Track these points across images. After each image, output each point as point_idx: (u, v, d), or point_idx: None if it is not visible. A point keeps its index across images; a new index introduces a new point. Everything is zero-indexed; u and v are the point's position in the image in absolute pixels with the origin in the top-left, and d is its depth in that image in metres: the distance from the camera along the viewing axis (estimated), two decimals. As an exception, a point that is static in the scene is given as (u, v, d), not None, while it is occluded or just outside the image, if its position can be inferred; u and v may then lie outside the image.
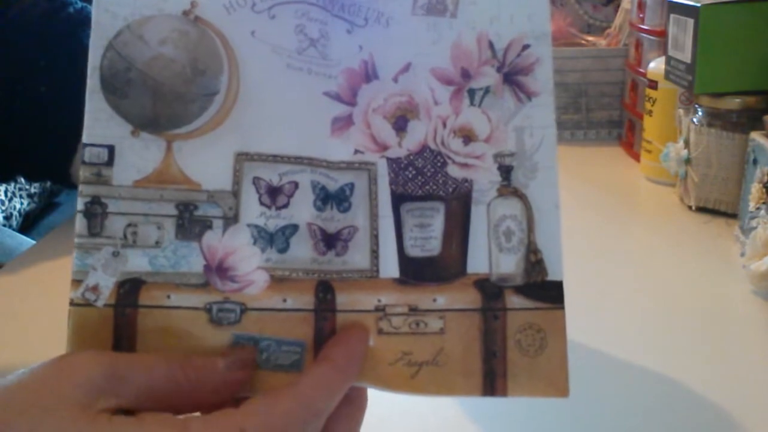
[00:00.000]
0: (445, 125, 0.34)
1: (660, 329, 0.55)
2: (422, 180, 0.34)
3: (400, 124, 0.34)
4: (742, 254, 0.61)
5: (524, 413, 0.45)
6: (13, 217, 1.19)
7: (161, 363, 0.31)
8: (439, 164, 0.34)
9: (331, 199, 0.34)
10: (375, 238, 0.34)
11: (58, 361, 0.30)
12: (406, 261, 0.34)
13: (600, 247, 0.68)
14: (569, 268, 0.34)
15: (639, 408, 0.46)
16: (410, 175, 0.34)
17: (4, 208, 1.17)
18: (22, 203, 1.22)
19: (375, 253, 0.34)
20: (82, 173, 0.33)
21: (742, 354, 0.52)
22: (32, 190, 1.25)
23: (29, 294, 0.62)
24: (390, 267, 0.34)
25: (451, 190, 0.34)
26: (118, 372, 0.29)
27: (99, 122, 0.33)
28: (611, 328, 0.54)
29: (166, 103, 0.33)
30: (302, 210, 0.34)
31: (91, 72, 0.33)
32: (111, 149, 0.33)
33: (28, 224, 1.23)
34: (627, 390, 0.48)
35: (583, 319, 0.56)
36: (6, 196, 1.18)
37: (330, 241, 0.34)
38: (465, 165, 0.34)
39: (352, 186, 0.34)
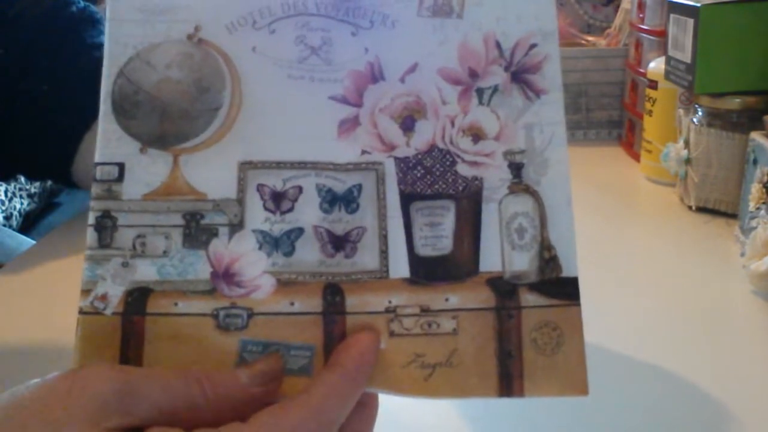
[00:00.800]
0: (453, 124, 0.34)
1: (660, 329, 0.55)
2: (431, 179, 0.34)
3: (408, 123, 0.34)
4: (742, 254, 0.61)
5: (525, 411, 0.45)
6: (13, 217, 1.19)
7: (178, 380, 0.30)
8: (448, 163, 0.34)
9: (339, 200, 0.34)
10: (384, 238, 0.34)
11: (69, 375, 0.29)
12: (416, 260, 0.34)
13: (600, 247, 0.68)
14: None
15: (639, 407, 0.46)
16: (419, 174, 0.34)
17: (4, 208, 1.17)
18: (22, 203, 1.22)
19: (384, 254, 0.34)
20: (94, 190, 0.34)
21: (742, 354, 0.52)
22: (32, 190, 1.25)
23: (29, 294, 0.62)
24: (400, 267, 0.34)
25: (461, 188, 0.34)
26: (131, 390, 0.29)
27: (110, 142, 0.34)
28: (611, 328, 0.54)
29: (173, 121, 0.34)
30: (307, 213, 0.34)
31: (104, 98, 0.35)
32: (121, 166, 0.34)
33: (28, 224, 1.24)
34: (627, 389, 0.48)
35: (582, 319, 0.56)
36: (6, 196, 1.19)
37: (338, 243, 0.34)
38: (475, 163, 0.34)
39: (359, 187, 0.34)
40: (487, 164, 0.34)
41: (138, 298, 0.33)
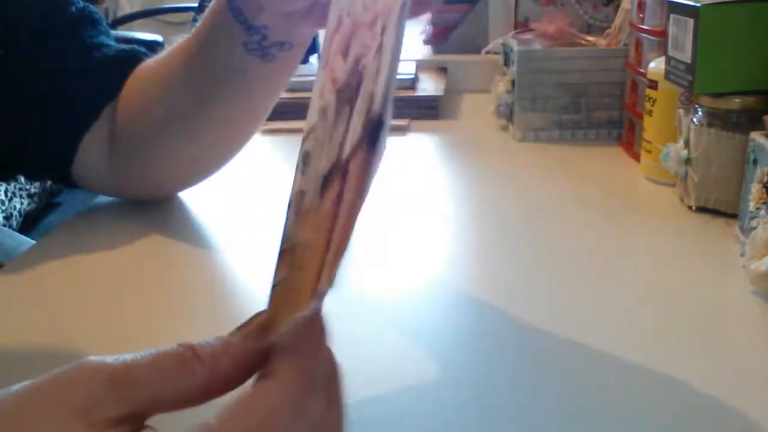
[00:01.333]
0: (366, 26, 0.33)
1: (659, 329, 0.55)
2: (347, 94, 0.33)
3: (346, 50, 0.33)
4: (742, 254, 0.61)
5: (525, 411, 0.45)
6: (13, 217, 1.19)
7: (171, 356, 0.29)
8: (357, 69, 0.33)
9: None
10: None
11: (56, 374, 0.28)
12: None
13: (600, 247, 0.68)
14: (568, 268, 0.33)
15: (638, 407, 0.46)
16: (344, 98, 0.33)
17: (4, 208, 1.17)
18: (22, 203, 1.22)
19: None
20: None
21: (741, 354, 0.52)
22: (32, 190, 1.25)
23: (29, 294, 0.62)
24: None
25: (356, 85, 0.32)
26: (121, 376, 0.28)
27: None
28: (610, 328, 0.54)
29: None
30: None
31: None
32: None
33: (28, 224, 1.24)
34: (626, 389, 0.48)
35: (582, 319, 0.56)
36: (6, 196, 1.19)
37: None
38: (368, 49, 0.32)
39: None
40: (372, 42, 0.32)
41: None
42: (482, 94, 1.06)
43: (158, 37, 2.14)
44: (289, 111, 0.94)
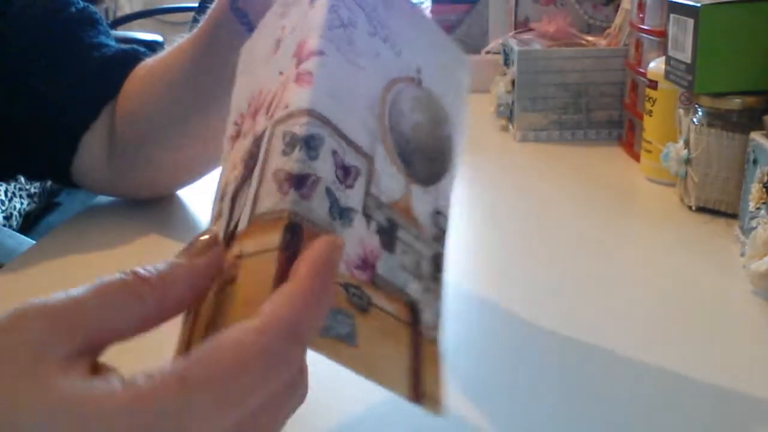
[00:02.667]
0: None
1: (659, 329, 0.55)
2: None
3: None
4: (742, 254, 0.61)
5: (526, 410, 0.45)
6: (13, 217, 1.19)
7: (117, 284, 0.28)
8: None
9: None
10: None
11: None
12: None
13: (600, 247, 0.68)
14: (567, 268, 0.33)
15: (638, 408, 0.46)
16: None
17: (4, 208, 1.17)
18: (22, 203, 1.22)
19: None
20: None
21: (741, 354, 0.52)
22: (32, 190, 1.25)
23: (29, 294, 0.62)
24: None
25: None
26: (66, 313, 0.27)
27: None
28: (611, 328, 0.54)
29: None
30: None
31: None
32: None
33: (28, 224, 1.24)
34: (626, 390, 0.48)
35: (582, 319, 0.56)
36: (6, 196, 1.19)
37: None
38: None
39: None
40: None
41: None
42: (482, 94, 1.06)
43: (158, 37, 2.15)
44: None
